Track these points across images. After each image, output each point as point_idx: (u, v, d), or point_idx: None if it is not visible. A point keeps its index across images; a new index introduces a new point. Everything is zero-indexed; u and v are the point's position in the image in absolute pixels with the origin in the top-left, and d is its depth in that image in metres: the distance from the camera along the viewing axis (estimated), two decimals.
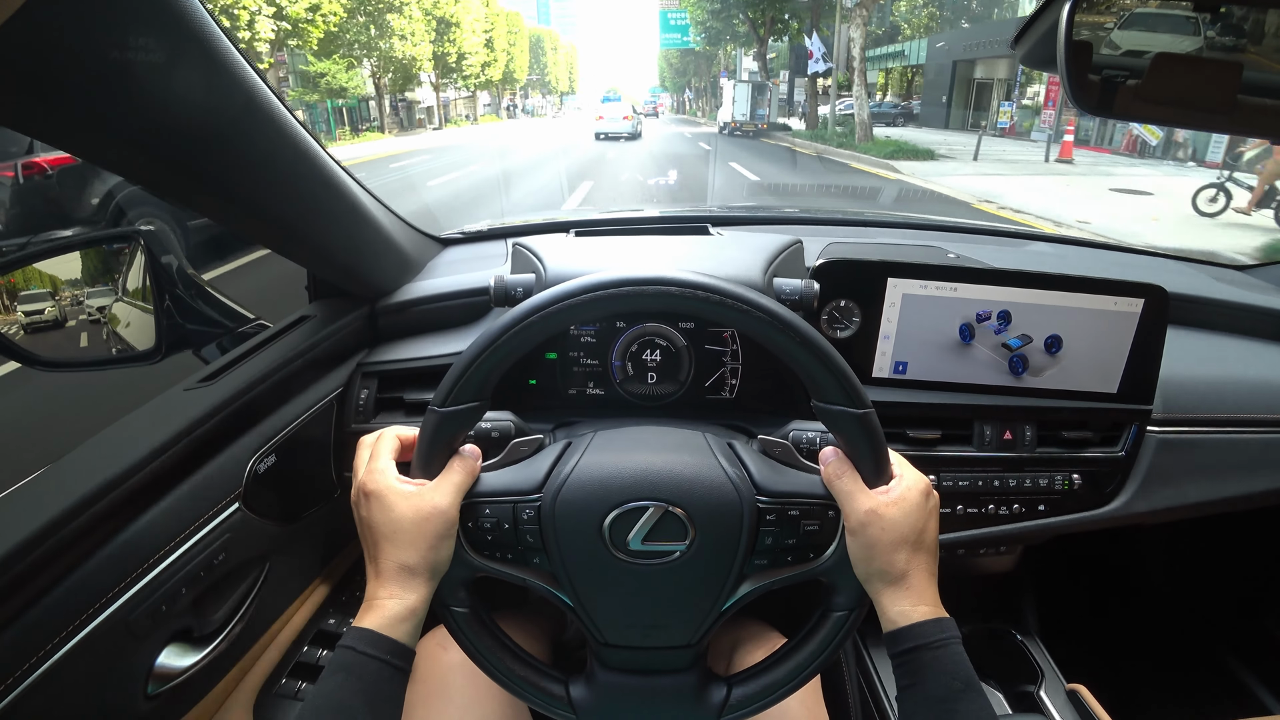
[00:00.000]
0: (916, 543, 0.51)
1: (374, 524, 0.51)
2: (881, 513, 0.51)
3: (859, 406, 0.50)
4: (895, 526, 0.51)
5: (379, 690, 0.47)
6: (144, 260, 0.87)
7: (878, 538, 0.50)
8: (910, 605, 0.51)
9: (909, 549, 0.51)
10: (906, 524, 0.51)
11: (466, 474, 0.53)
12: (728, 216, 1.30)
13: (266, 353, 0.80)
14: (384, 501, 0.51)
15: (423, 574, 0.51)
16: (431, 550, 0.51)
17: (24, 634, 0.51)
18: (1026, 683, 1.05)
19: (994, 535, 0.88)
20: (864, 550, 0.51)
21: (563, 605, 0.55)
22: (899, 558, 0.51)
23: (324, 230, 0.78)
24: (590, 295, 0.49)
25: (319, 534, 0.89)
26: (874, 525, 0.50)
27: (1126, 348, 0.81)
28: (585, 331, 0.80)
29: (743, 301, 0.49)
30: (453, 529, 0.52)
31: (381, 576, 0.50)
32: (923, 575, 0.52)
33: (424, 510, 0.50)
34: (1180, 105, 0.71)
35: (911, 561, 0.51)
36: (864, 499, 0.51)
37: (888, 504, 0.51)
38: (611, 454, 0.55)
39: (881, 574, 0.51)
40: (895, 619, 0.51)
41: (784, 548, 0.53)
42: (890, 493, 0.52)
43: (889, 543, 0.50)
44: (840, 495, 0.52)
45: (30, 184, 4.57)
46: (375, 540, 0.51)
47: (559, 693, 0.58)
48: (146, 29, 0.46)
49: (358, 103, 25.90)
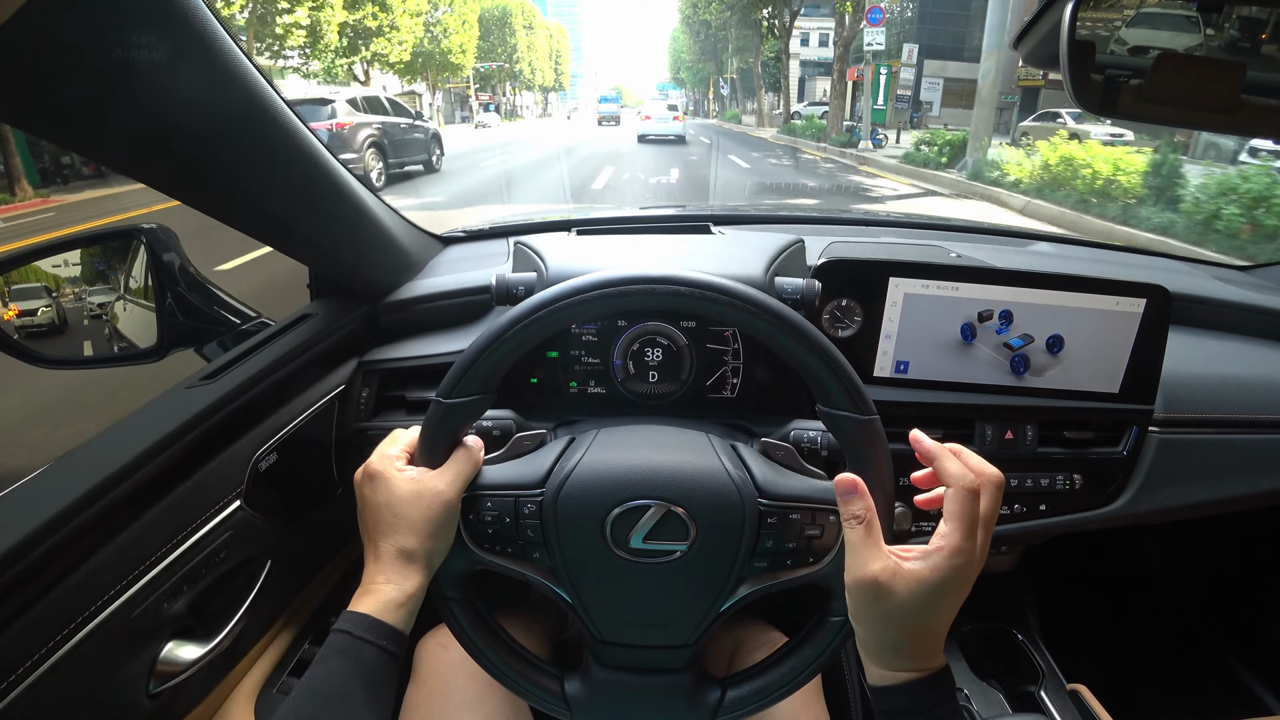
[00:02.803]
0: (920, 625, 0.42)
1: (375, 505, 0.51)
2: (892, 585, 0.41)
3: (864, 413, 0.50)
4: (906, 601, 0.42)
5: (374, 675, 0.47)
6: (145, 257, 0.87)
7: (871, 607, 0.42)
8: (895, 668, 0.44)
9: (917, 625, 0.42)
10: (915, 604, 0.41)
11: (470, 464, 0.53)
12: (729, 215, 1.30)
13: (268, 350, 0.80)
14: (387, 483, 0.51)
15: (420, 559, 0.51)
16: (431, 537, 0.50)
17: (25, 632, 0.51)
18: (1027, 683, 1.05)
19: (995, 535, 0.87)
20: (854, 610, 0.45)
21: (561, 601, 0.55)
22: (905, 630, 0.43)
23: (325, 229, 0.78)
24: (600, 292, 0.49)
25: (321, 532, 0.89)
26: (870, 592, 0.42)
27: (1128, 348, 0.81)
28: (587, 330, 0.80)
29: (752, 304, 0.49)
30: (453, 517, 0.52)
31: (379, 561, 0.50)
32: (927, 645, 0.43)
33: (425, 495, 0.50)
34: (1183, 105, 0.71)
35: (919, 635, 0.43)
36: (871, 558, 0.42)
37: (899, 574, 0.42)
38: (615, 451, 0.55)
39: (877, 638, 0.44)
40: (875, 678, 0.45)
41: (784, 551, 0.53)
42: (911, 561, 0.42)
43: (890, 615, 0.42)
44: (848, 543, 0.45)
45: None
46: (375, 523, 0.51)
47: (553, 688, 0.58)
48: (148, 27, 0.46)
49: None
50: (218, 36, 0.52)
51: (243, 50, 0.56)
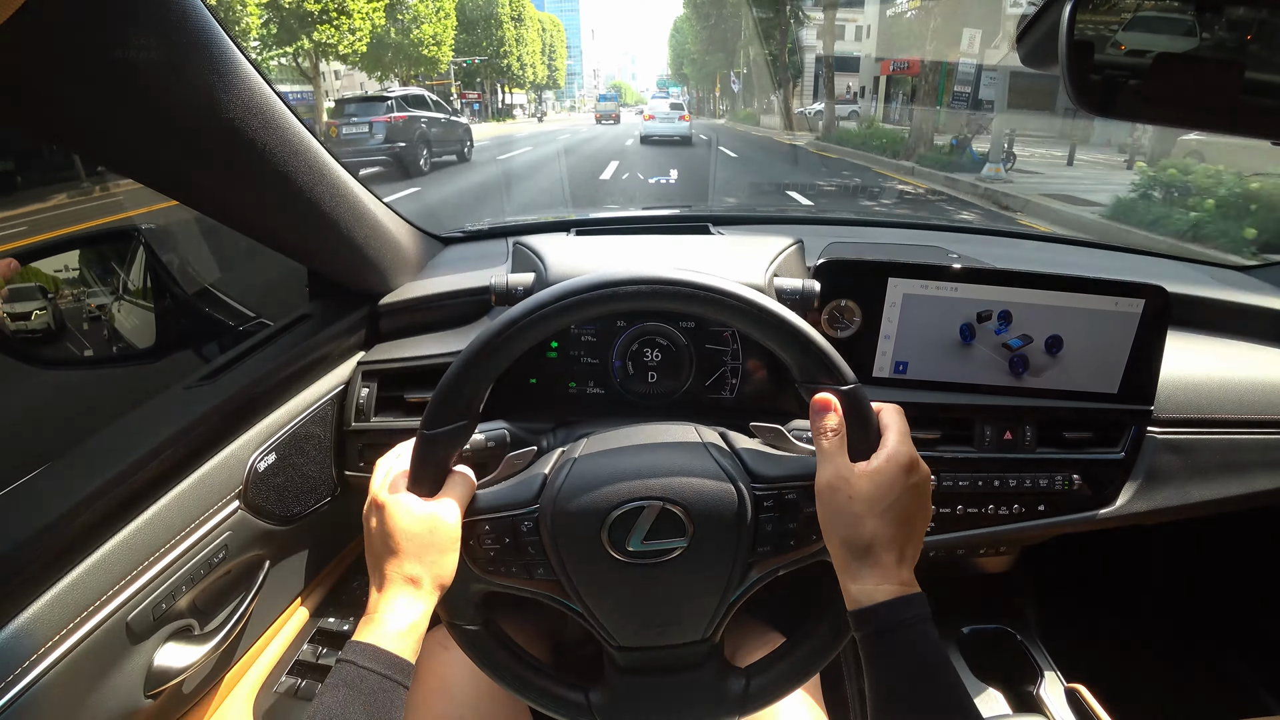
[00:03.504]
0: (886, 515, 0.48)
1: (382, 534, 0.52)
2: (852, 480, 0.49)
3: (842, 383, 0.50)
4: (863, 495, 0.48)
5: (380, 706, 0.47)
6: (144, 258, 0.87)
7: (844, 505, 0.49)
8: (874, 584, 0.48)
9: (877, 520, 0.48)
10: (877, 494, 0.48)
11: (465, 488, 0.54)
12: (729, 216, 1.30)
13: (266, 351, 0.80)
14: (393, 512, 0.52)
15: (426, 585, 0.51)
16: (435, 563, 0.51)
17: (24, 632, 0.51)
18: (1026, 682, 1.05)
19: (994, 535, 0.88)
20: (828, 517, 0.50)
21: (573, 614, 0.55)
22: (864, 528, 0.48)
23: (324, 229, 0.78)
24: (558, 305, 0.48)
25: (318, 533, 0.89)
26: (841, 491, 0.49)
27: (1127, 348, 0.81)
28: (586, 330, 0.80)
29: (715, 291, 0.48)
30: (456, 543, 0.52)
31: (385, 589, 0.51)
32: (892, 552, 0.48)
33: (429, 522, 0.51)
34: (1182, 106, 0.71)
35: (879, 534, 0.48)
36: (839, 464, 0.49)
37: (862, 473, 0.49)
38: (603, 458, 0.55)
39: (844, 545, 0.49)
40: (858, 597, 0.48)
41: (785, 532, 0.53)
42: (868, 464, 0.49)
43: (854, 513, 0.48)
44: (819, 453, 0.51)
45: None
46: (381, 551, 0.52)
47: (580, 701, 0.58)
48: (148, 28, 0.46)
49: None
50: (217, 37, 0.52)
51: (242, 50, 0.56)
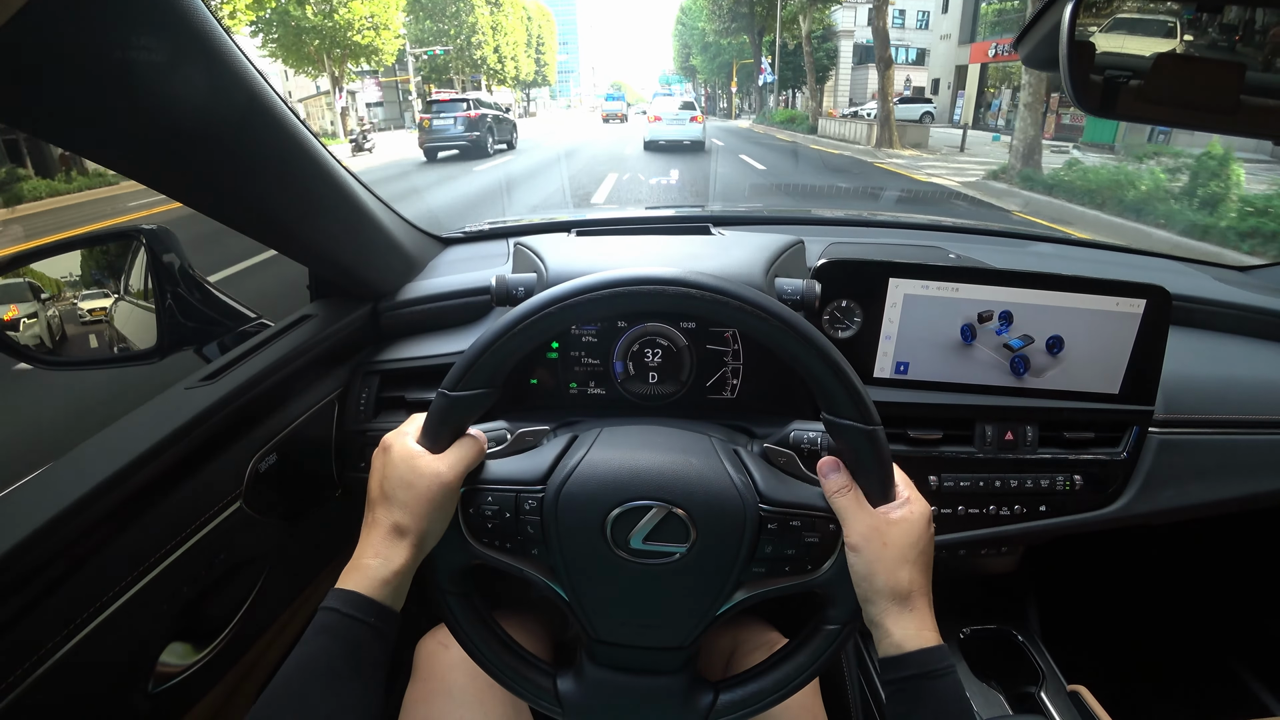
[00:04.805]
0: (918, 562, 0.50)
1: (380, 475, 0.53)
2: (884, 530, 0.50)
3: (869, 423, 0.50)
4: (899, 544, 0.50)
5: (362, 652, 0.47)
6: (145, 258, 0.87)
7: (880, 554, 0.50)
8: (915, 630, 0.49)
9: (911, 567, 0.50)
10: (907, 543, 0.50)
11: (473, 451, 0.54)
12: (729, 216, 1.30)
13: (268, 351, 0.79)
14: (395, 456, 0.52)
15: (411, 536, 0.51)
16: (425, 517, 0.51)
17: (26, 632, 0.51)
18: (1027, 683, 1.05)
19: (995, 536, 0.87)
20: (867, 567, 0.50)
21: (557, 598, 0.55)
22: (903, 575, 0.50)
23: (326, 229, 0.78)
24: (608, 291, 0.49)
25: (320, 533, 0.89)
26: (877, 541, 0.50)
27: (1128, 348, 0.81)
28: (586, 331, 0.80)
29: (760, 308, 0.49)
30: (450, 501, 0.52)
31: (371, 534, 0.51)
32: (925, 598, 0.51)
33: (426, 474, 0.51)
34: (1182, 106, 0.71)
35: (915, 581, 0.50)
36: (867, 515, 0.51)
37: (891, 521, 0.50)
38: (618, 451, 0.55)
39: (887, 593, 0.50)
40: (901, 642, 0.49)
41: (783, 557, 0.53)
42: (894, 511, 0.51)
43: (893, 559, 0.50)
44: (841, 511, 0.51)
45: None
46: (376, 495, 0.52)
47: (546, 685, 0.57)
48: (149, 28, 0.46)
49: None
50: (218, 37, 0.52)
51: (242, 51, 0.56)
